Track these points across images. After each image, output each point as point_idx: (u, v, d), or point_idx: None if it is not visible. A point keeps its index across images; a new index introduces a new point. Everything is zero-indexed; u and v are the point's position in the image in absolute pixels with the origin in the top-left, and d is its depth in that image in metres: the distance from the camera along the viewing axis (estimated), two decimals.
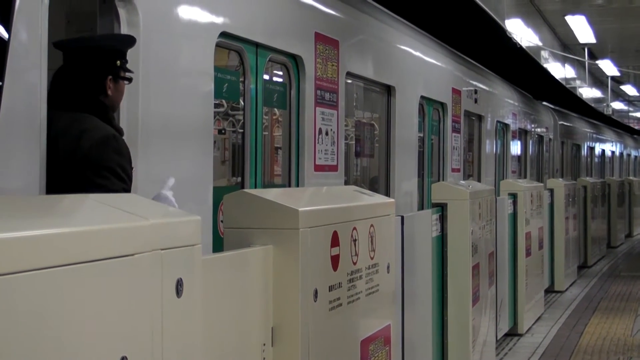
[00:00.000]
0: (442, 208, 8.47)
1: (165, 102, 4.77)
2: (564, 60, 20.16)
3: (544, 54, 17.77)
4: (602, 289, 17.20)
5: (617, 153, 33.10)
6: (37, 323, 2.31)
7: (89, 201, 3.07)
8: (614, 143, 32.28)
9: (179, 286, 3.06)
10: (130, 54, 4.34)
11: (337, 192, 5.97)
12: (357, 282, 4.99)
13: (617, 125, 33.71)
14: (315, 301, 4.34)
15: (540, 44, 16.80)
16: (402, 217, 7.28)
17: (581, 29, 17.57)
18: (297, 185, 6.42)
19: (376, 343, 5.32)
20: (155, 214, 3.05)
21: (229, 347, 3.82)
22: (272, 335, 4.14)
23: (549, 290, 16.39)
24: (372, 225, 5.29)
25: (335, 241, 4.67)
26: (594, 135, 27.63)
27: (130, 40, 4.25)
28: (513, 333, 12.38)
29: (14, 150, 3.73)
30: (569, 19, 16.75)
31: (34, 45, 3.80)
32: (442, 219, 8.45)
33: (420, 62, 9.98)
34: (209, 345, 3.50)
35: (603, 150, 29.54)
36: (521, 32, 14.87)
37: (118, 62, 4.17)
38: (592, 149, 26.99)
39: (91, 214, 2.89)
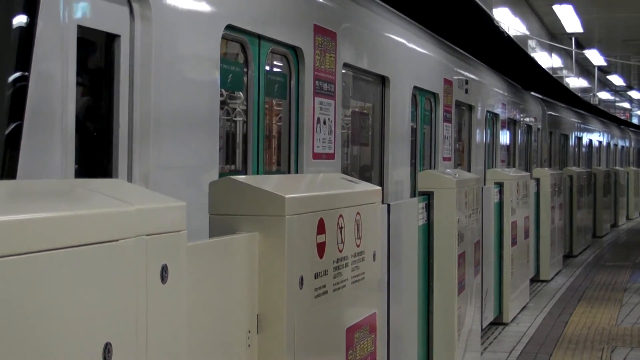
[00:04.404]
0: (428, 196, 8.47)
1: (175, 93, 4.86)
2: (551, 49, 20.17)
3: (531, 43, 17.77)
4: (587, 279, 17.25)
5: (605, 143, 33.17)
6: (19, 309, 2.30)
7: (73, 186, 3.05)
8: (601, 133, 32.34)
9: (164, 272, 3.04)
10: (143, 44, 4.50)
11: (323, 180, 5.97)
12: (343, 270, 4.99)
13: (604, 115, 33.79)
14: (300, 288, 4.33)
15: (527, 33, 16.81)
16: (389, 205, 7.28)
17: (568, 18, 17.57)
18: (297, 173, 6.55)
19: (361, 331, 5.32)
20: (140, 200, 3.03)
21: (214, 334, 3.81)
22: (258, 323, 4.14)
23: (535, 280, 16.44)
24: (358, 213, 5.28)
25: (321, 228, 4.66)
26: (582, 126, 27.67)
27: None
28: (498, 322, 12.41)
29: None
30: (557, 8, 16.75)
31: (57, 39, 3.91)
32: (429, 208, 8.46)
33: (413, 53, 10.08)
34: (193, 332, 3.49)
35: (590, 141, 29.59)
36: (509, 21, 14.87)
37: None
38: (579, 139, 27.03)
39: (75, 199, 2.87)
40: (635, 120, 42.45)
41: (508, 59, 16.45)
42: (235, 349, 4.02)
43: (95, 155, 4.46)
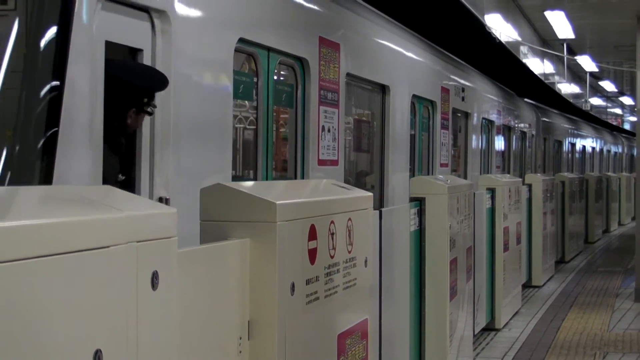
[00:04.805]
0: (420, 202, 8.47)
1: (192, 103, 5.19)
2: (542, 55, 20.20)
3: (523, 49, 17.80)
4: (579, 284, 17.27)
5: (598, 149, 33.25)
6: (10, 315, 2.29)
7: (64, 192, 3.05)
8: (594, 139, 32.42)
9: (154, 279, 3.04)
10: (163, 57, 4.83)
11: (315, 186, 5.97)
12: (335, 276, 4.99)
13: (596, 121, 33.85)
14: (292, 295, 4.33)
15: (519, 39, 16.83)
16: (380, 211, 7.29)
17: (560, 24, 17.58)
18: (303, 179, 6.85)
19: (353, 337, 5.32)
20: (130, 206, 3.03)
21: (205, 341, 3.81)
22: (249, 329, 4.13)
23: (527, 285, 16.44)
24: (350, 219, 5.28)
25: (312, 235, 4.66)
26: (575, 132, 27.74)
27: (164, 84, 4.70)
28: (490, 328, 12.41)
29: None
30: (548, 14, 16.76)
31: (88, 53, 4.24)
32: (421, 214, 8.46)
33: (412, 62, 10.34)
34: (184, 339, 3.49)
35: (584, 147, 29.66)
36: (500, 27, 14.89)
37: (145, 99, 4.60)
38: (573, 145, 27.10)
39: (66, 206, 2.87)
40: (627, 126, 42.51)
41: (503, 66, 16.53)
42: (227, 355, 4.02)
43: (121, 162, 4.74)
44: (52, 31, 4.10)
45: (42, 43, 4.10)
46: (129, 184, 4.72)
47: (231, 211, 4.18)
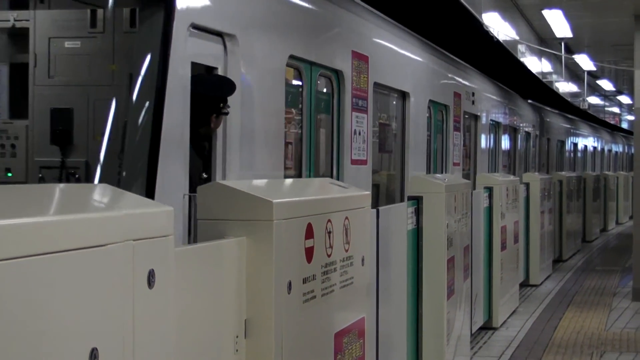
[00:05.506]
0: (417, 201, 8.47)
1: (254, 112, 5.91)
2: (540, 54, 20.21)
3: (521, 48, 17.81)
4: (576, 283, 17.27)
5: (599, 149, 33.33)
6: (5, 313, 2.29)
7: (61, 191, 3.05)
8: (595, 139, 32.51)
9: (151, 277, 3.04)
10: (233, 74, 5.59)
11: (312, 184, 5.99)
12: (332, 275, 4.99)
13: (594, 120, 33.90)
14: (289, 293, 4.33)
15: (517, 38, 16.84)
16: (377, 210, 7.29)
17: (558, 23, 17.58)
18: (338, 177, 7.51)
19: (350, 336, 5.32)
20: (127, 205, 3.03)
21: (201, 339, 3.81)
22: (246, 328, 4.13)
23: (524, 284, 16.45)
24: (347, 218, 5.29)
25: (309, 233, 4.66)
26: (577, 132, 27.87)
27: (233, 88, 5.52)
28: (488, 327, 12.41)
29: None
30: (546, 13, 16.75)
31: (179, 73, 4.92)
32: (418, 212, 8.45)
33: (429, 70, 11.04)
34: (181, 337, 3.49)
35: (585, 146, 29.75)
36: (498, 26, 14.90)
37: (222, 104, 5.45)
38: (575, 145, 27.22)
39: (62, 204, 2.87)
40: (624, 125, 42.56)
41: (507, 69, 16.65)
42: (223, 354, 4.02)
43: (204, 163, 5.52)
44: (154, 53, 4.78)
45: (146, 63, 4.80)
46: (209, 181, 5.40)
47: (228, 209, 4.19)
